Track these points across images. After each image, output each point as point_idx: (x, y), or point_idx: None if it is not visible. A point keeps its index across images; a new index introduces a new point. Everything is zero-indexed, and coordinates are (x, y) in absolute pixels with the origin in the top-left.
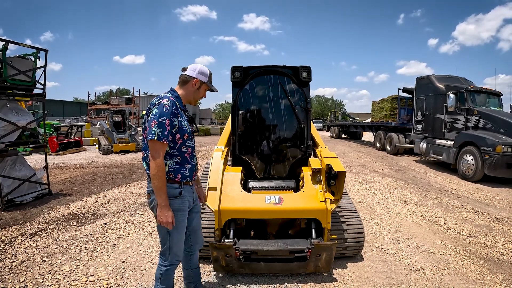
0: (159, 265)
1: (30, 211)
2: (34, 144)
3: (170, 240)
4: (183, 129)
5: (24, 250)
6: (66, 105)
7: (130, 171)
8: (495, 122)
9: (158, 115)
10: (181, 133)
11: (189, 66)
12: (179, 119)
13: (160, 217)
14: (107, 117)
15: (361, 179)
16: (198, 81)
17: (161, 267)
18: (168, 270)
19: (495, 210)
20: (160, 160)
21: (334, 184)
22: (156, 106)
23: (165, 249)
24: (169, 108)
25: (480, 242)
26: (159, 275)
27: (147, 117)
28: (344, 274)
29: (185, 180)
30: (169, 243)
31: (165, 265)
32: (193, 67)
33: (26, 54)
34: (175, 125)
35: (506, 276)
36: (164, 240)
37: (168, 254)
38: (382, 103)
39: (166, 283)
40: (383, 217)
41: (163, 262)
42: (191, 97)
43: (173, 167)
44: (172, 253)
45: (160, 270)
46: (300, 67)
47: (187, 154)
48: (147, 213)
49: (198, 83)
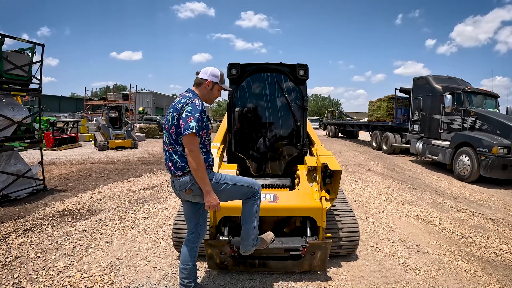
0: (253, 203)
1: (25, 206)
2: (29, 140)
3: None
4: (208, 126)
5: (19, 246)
6: (63, 100)
7: (126, 168)
8: (492, 123)
9: (193, 112)
10: (207, 129)
11: (201, 70)
12: (205, 116)
13: (210, 202)
14: (103, 113)
15: (357, 178)
16: (210, 83)
17: (255, 201)
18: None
19: (490, 211)
20: (199, 152)
21: (330, 182)
22: (189, 104)
23: (248, 190)
24: (200, 106)
25: (475, 243)
26: (256, 209)
27: (177, 114)
28: (339, 273)
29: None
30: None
31: (259, 196)
32: (205, 70)
33: (23, 48)
34: (204, 121)
35: (500, 276)
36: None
37: (254, 187)
38: (379, 103)
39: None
40: (378, 216)
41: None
42: (206, 97)
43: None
44: (253, 184)
45: (256, 204)
46: (297, 65)
47: (208, 146)
48: (142, 210)
49: (210, 84)
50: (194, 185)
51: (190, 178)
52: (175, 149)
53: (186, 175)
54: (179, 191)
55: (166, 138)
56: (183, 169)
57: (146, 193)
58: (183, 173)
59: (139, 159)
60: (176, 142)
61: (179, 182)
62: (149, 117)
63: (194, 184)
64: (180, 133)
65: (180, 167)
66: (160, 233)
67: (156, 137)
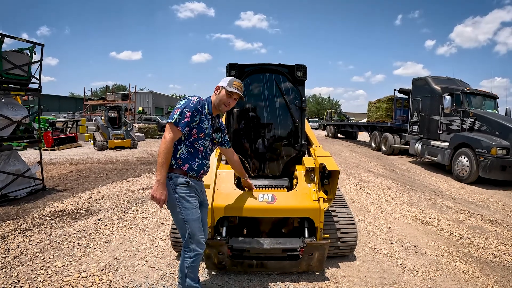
0: (184, 259)
1: (24, 206)
2: (28, 139)
3: (189, 228)
4: (201, 128)
5: (17, 245)
6: (62, 100)
7: (125, 168)
8: (491, 124)
9: (183, 105)
10: (199, 130)
11: None
12: (202, 117)
13: (154, 192)
14: (102, 113)
15: (355, 178)
16: (219, 87)
17: (187, 259)
18: (194, 261)
19: (488, 212)
20: (170, 142)
21: (328, 183)
22: (184, 99)
23: (187, 238)
24: (195, 104)
25: (473, 244)
26: (185, 268)
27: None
28: (337, 274)
29: (191, 173)
30: (188, 231)
31: (190, 256)
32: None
33: (22, 48)
34: (195, 120)
35: (498, 278)
36: (183, 230)
37: (191, 243)
38: (378, 104)
39: (193, 275)
40: (376, 217)
41: (188, 253)
42: (217, 102)
43: (184, 155)
44: (195, 241)
45: (186, 263)
46: (296, 65)
47: (200, 151)
48: (141, 210)
49: (219, 89)
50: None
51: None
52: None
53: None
54: None
55: None
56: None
57: (145, 193)
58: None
59: (138, 159)
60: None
61: None
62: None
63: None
64: None
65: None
66: (158, 233)
67: (156, 137)
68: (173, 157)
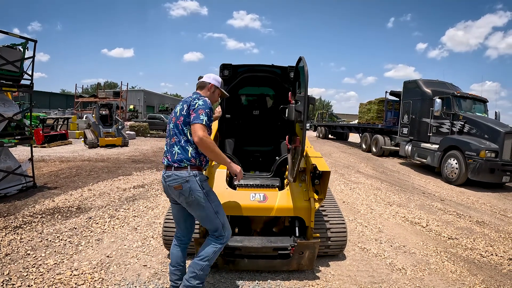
0: (213, 244)
1: (15, 203)
2: (19, 136)
3: (221, 218)
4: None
5: (8, 243)
6: (53, 97)
7: (116, 166)
8: (480, 127)
9: (204, 106)
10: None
11: (204, 75)
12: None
13: (235, 171)
14: (94, 110)
15: (346, 179)
16: (213, 86)
17: (217, 244)
18: (221, 248)
19: (477, 214)
20: (209, 137)
21: (319, 183)
22: (201, 99)
23: (220, 229)
24: (210, 104)
25: (461, 244)
26: (212, 252)
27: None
28: (327, 272)
29: (206, 166)
30: (221, 220)
31: (222, 242)
32: (208, 75)
33: (15, 44)
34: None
35: (485, 277)
36: (216, 221)
37: (225, 231)
38: (369, 105)
39: (213, 261)
40: (366, 217)
41: (220, 240)
42: (211, 99)
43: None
44: (226, 228)
45: (215, 248)
46: (289, 67)
47: None
48: (132, 208)
49: (213, 88)
50: (186, 183)
51: (186, 175)
52: (178, 140)
53: (182, 170)
54: (168, 184)
55: (171, 130)
56: (181, 161)
57: (136, 192)
58: (180, 167)
59: (129, 157)
60: (181, 132)
61: (172, 174)
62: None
63: (186, 182)
64: (188, 123)
65: (178, 159)
66: (150, 232)
67: (147, 136)
68: (190, 156)
